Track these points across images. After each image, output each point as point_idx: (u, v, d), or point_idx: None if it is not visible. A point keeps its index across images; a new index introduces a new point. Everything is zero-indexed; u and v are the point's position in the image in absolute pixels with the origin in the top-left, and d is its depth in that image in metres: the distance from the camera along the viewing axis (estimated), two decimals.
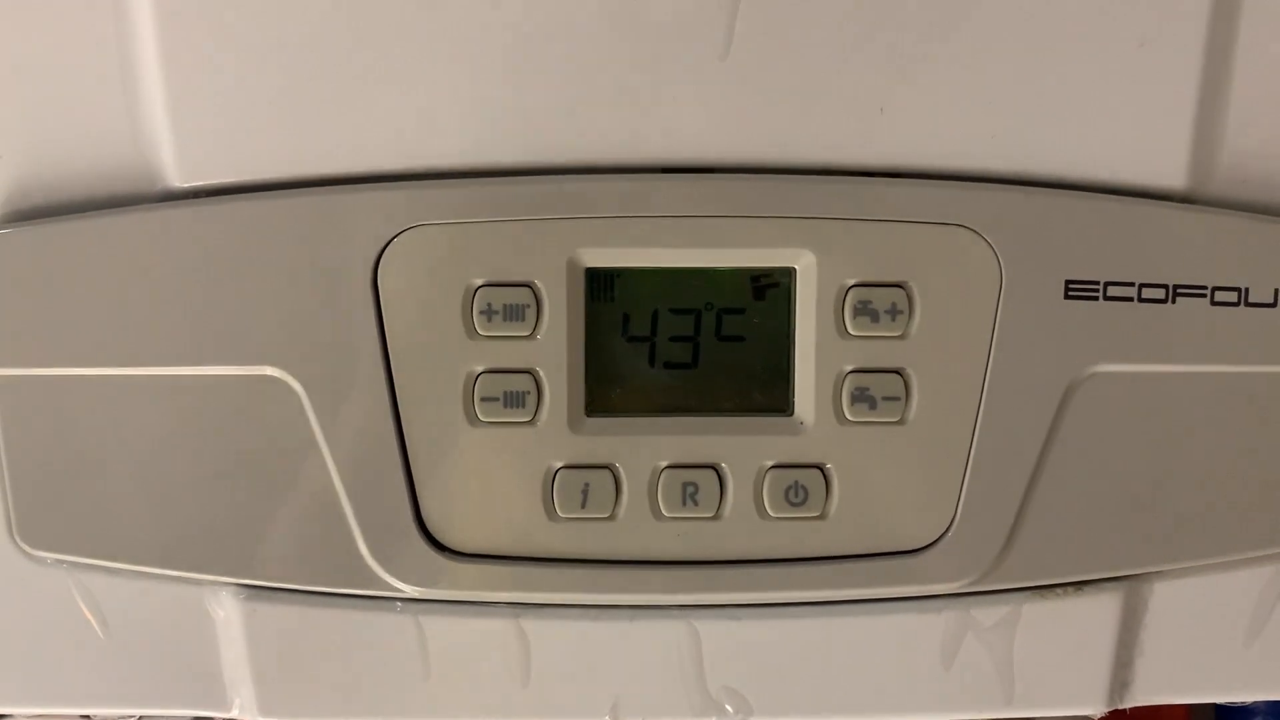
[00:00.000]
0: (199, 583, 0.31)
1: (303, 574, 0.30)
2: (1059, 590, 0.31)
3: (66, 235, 0.30)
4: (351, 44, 0.29)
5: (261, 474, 0.30)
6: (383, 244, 0.29)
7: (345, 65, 0.29)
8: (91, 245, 0.29)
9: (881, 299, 0.29)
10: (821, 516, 0.30)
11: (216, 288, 0.29)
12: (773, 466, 0.30)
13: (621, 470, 0.30)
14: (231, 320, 0.29)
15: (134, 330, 0.29)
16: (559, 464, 0.30)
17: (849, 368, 0.30)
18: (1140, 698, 0.32)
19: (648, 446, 0.30)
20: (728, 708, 0.31)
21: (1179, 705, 0.46)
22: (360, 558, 0.30)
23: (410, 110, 0.29)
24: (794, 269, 0.30)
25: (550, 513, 0.30)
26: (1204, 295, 0.30)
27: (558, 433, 0.30)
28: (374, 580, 0.30)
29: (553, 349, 0.29)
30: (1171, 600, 0.32)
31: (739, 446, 0.30)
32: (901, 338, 0.29)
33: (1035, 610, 0.31)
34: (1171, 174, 0.30)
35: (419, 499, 0.30)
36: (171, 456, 0.30)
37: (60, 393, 0.30)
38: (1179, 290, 0.30)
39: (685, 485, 0.30)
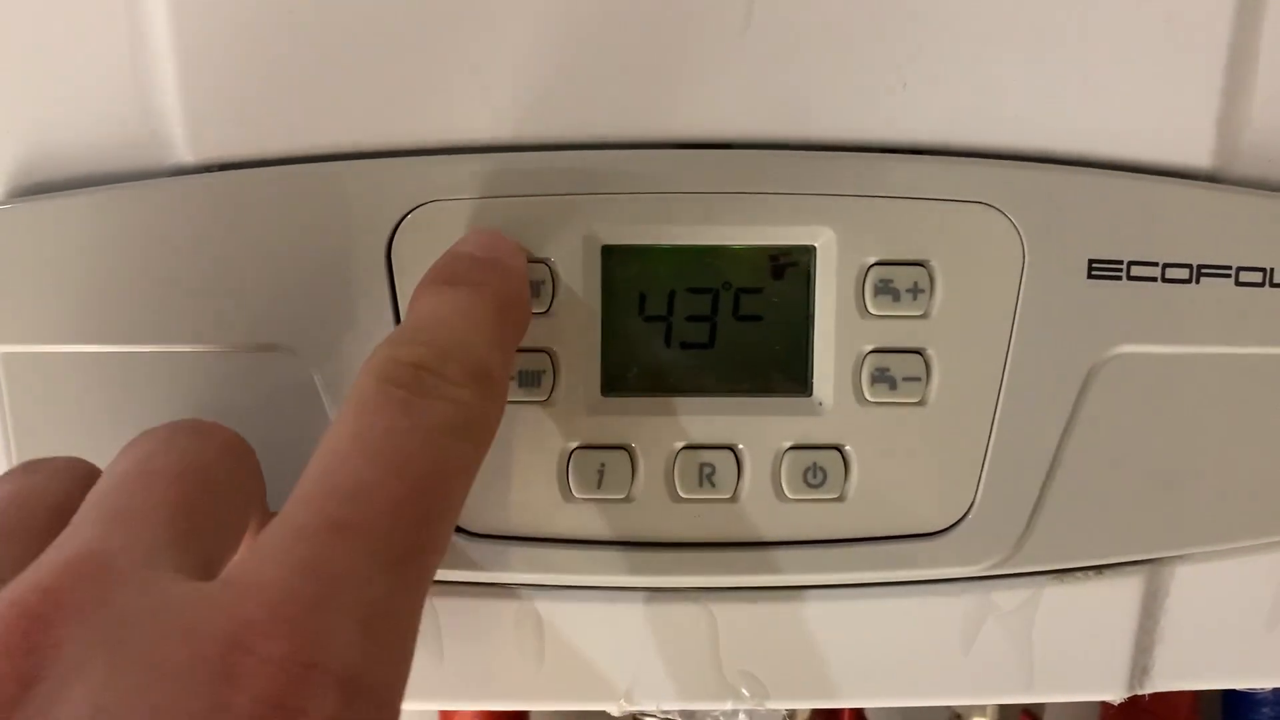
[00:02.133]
0: None
1: None
2: (1080, 574, 0.31)
3: (74, 210, 0.29)
4: (366, 16, 0.28)
5: (271, 453, 0.29)
6: (397, 219, 0.28)
7: (360, 37, 0.29)
8: (100, 220, 0.29)
9: (902, 278, 0.29)
10: (840, 498, 0.30)
11: (227, 263, 0.29)
12: (791, 447, 0.29)
13: (638, 451, 0.29)
14: (242, 296, 0.29)
15: (143, 307, 0.29)
16: (575, 444, 0.29)
17: (869, 348, 0.29)
18: (1160, 683, 0.32)
19: (664, 427, 0.29)
20: (743, 691, 0.31)
21: (1187, 694, 0.46)
22: None
23: (425, 84, 0.29)
24: (814, 247, 0.29)
25: (566, 493, 0.29)
26: (1229, 276, 0.29)
27: (573, 412, 0.29)
28: None
29: (569, 327, 0.29)
30: (1193, 585, 0.31)
31: (757, 427, 0.29)
32: (922, 317, 0.29)
33: (1056, 594, 0.31)
34: (1197, 152, 0.30)
35: None
36: None
37: (68, 370, 0.29)
38: (1203, 270, 0.29)
39: (702, 466, 0.29)
